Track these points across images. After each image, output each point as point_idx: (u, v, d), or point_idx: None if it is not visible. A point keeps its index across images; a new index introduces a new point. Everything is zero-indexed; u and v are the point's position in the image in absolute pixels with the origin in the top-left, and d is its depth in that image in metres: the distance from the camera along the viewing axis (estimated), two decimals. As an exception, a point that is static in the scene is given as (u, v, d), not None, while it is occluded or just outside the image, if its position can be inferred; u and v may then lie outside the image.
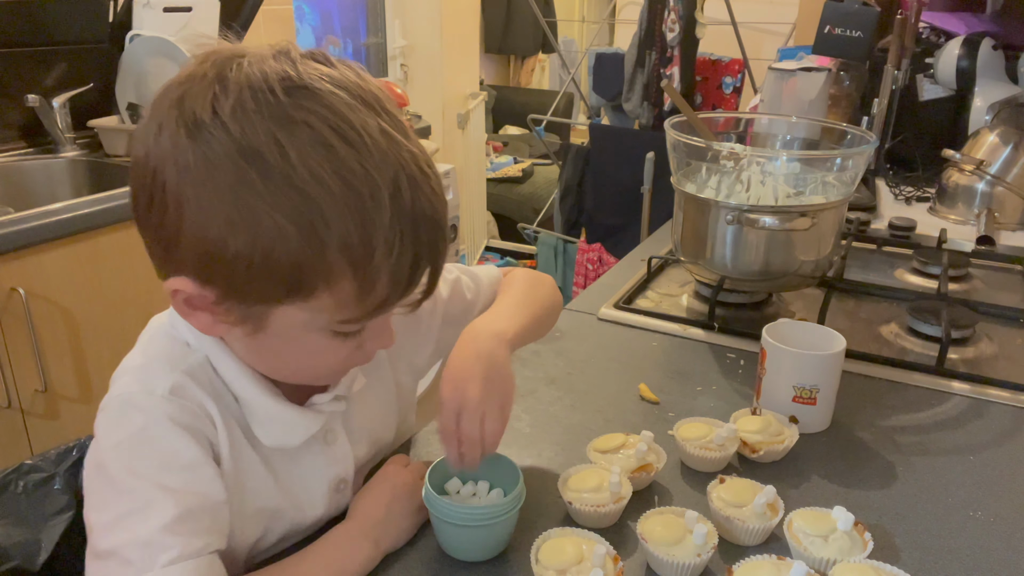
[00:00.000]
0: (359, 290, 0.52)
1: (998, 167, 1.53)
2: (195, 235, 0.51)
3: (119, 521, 0.54)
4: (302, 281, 0.51)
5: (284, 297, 0.52)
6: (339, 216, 0.49)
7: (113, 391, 0.59)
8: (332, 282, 0.51)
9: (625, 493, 0.70)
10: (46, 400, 1.41)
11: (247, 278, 0.51)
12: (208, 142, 0.49)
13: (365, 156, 0.50)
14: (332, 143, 0.49)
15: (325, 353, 0.58)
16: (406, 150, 0.52)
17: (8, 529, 0.68)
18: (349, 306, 0.53)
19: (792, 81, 1.78)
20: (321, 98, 0.50)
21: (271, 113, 0.49)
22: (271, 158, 0.48)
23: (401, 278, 0.53)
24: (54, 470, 0.73)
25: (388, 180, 0.50)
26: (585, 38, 4.95)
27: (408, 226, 0.52)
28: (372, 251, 0.51)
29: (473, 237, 3.69)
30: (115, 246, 1.48)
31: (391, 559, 0.66)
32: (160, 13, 1.86)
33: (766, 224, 1.01)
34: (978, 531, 0.71)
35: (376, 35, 3.29)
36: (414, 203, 0.52)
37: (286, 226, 0.49)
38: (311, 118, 0.49)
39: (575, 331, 1.09)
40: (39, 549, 0.69)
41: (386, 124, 0.52)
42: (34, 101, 1.78)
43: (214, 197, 0.49)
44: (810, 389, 0.84)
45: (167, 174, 0.50)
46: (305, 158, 0.49)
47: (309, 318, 0.54)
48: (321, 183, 0.49)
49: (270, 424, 0.62)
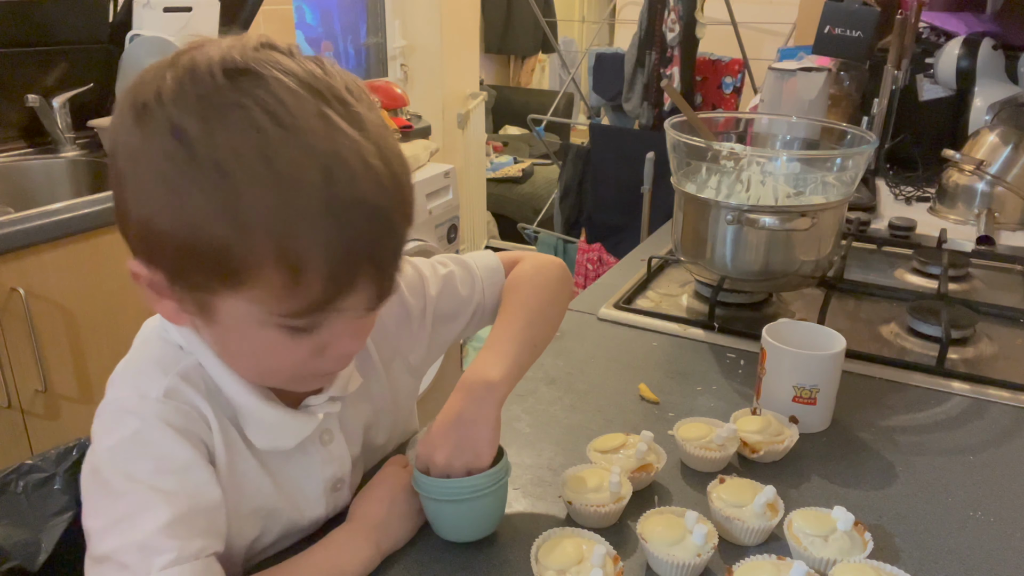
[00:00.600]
0: (288, 280, 0.50)
1: (998, 167, 1.53)
2: (135, 215, 0.52)
3: (115, 525, 0.54)
4: (229, 268, 0.50)
5: (218, 284, 0.52)
6: (260, 199, 0.48)
7: (108, 396, 0.59)
8: (258, 269, 0.50)
9: (625, 493, 0.70)
10: (46, 400, 1.41)
11: (180, 260, 0.51)
12: (148, 123, 0.50)
13: (295, 141, 0.48)
14: (263, 126, 0.48)
15: (279, 352, 0.56)
16: (350, 139, 0.50)
17: (8, 529, 0.68)
18: (282, 298, 0.51)
19: (792, 81, 1.78)
20: (263, 82, 0.49)
21: (206, 94, 0.49)
22: (197, 138, 0.48)
23: (336, 273, 0.51)
24: (54, 470, 0.73)
25: (318, 166, 0.48)
26: (585, 38, 4.95)
27: (340, 216, 0.49)
28: (294, 238, 0.49)
29: (473, 237, 3.69)
30: (115, 246, 1.48)
31: (391, 559, 0.66)
32: (160, 13, 1.86)
33: (766, 224, 1.01)
34: (978, 531, 0.71)
35: (376, 35, 3.29)
36: (348, 191, 0.49)
37: (206, 207, 0.48)
38: (246, 100, 0.48)
39: (575, 331, 1.09)
40: (39, 549, 0.69)
41: (333, 113, 0.50)
42: (34, 101, 1.78)
43: (147, 177, 0.50)
44: (810, 389, 0.84)
45: (118, 157, 0.52)
46: (231, 139, 0.48)
47: (249, 310, 0.53)
48: (244, 164, 0.48)
49: (262, 427, 0.62)
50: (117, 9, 1.96)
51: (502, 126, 4.64)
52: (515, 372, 0.70)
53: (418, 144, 2.34)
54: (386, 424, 0.76)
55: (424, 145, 2.35)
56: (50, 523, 0.70)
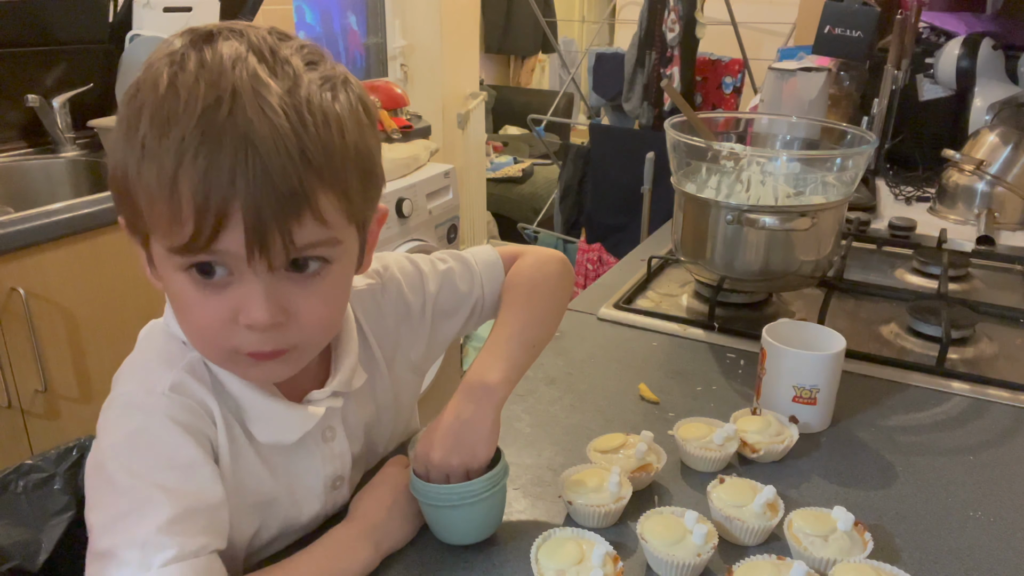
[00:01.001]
0: (167, 206, 0.50)
1: (998, 167, 1.53)
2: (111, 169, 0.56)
3: (116, 521, 0.54)
4: (128, 190, 0.53)
5: (134, 219, 0.54)
6: (151, 115, 0.50)
7: (113, 392, 0.60)
8: (143, 189, 0.51)
9: (625, 493, 0.70)
10: (46, 400, 1.41)
11: (118, 201, 0.55)
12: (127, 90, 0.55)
13: (204, 71, 0.51)
14: (187, 66, 0.51)
15: (193, 305, 0.55)
16: (260, 82, 0.51)
17: (8, 529, 0.68)
18: (167, 227, 0.51)
19: (792, 81, 1.78)
20: (214, 40, 0.53)
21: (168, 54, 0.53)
22: (139, 79, 0.53)
23: (203, 198, 0.49)
24: (54, 470, 0.73)
25: (212, 93, 0.50)
26: (585, 38, 4.95)
27: (213, 139, 0.49)
28: (168, 153, 0.49)
29: (473, 237, 3.69)
30: (115, 246, 1.48)
31: (391, 559, 0.66)
32: (160, 13, 1.86)
33: (766, 224, 1.01)
34: (978, 531, 0.71)
35: (376, 35, 3.29)
36: (228, 119, 0.49)
37: (120, 127, 0.53)
38: (189, 51, 0.52)
39: (575, 331, 1.09)
40: (39, 549, 0.69)
41: (258, 63, 0.52)
42: (34, 101, 1.78)
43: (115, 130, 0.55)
44: (810, 389, 0.84)
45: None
46: (156, 75, 0.52)
47: (160, 249, 0.54)
48: (153, 91, 0.51)
49: (265, 421, 0.62)
50: (117, 9, 1.96)
51: (502, 126, 4.64)
52: (513, 375, 0.70)
53: (418, 144, 2.34)
54: (388, 423, 0.76)
55: (424, 145, 2.35)
56: (50, 523, 0.70)
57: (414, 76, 3.33)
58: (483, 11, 4.11)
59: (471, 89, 3.55)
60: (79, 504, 0.72)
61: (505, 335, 0.73)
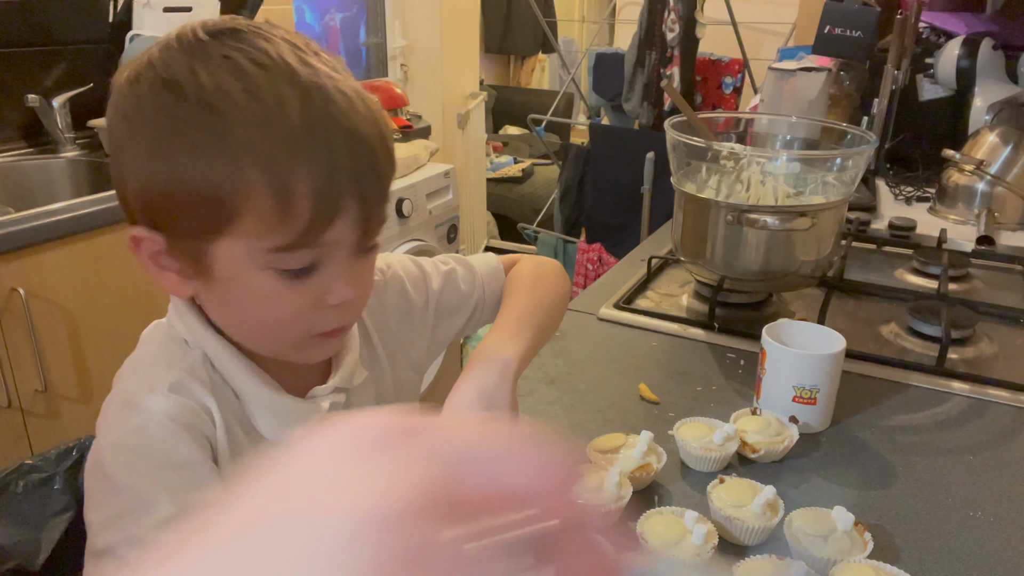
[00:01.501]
0: (277, 206, 0.51)
1: (998, 167, 1.53)
2: (132, 176, 0.54)
3: (115, 520, 0.54)
4: (222, 200, 0.52)
5: (212, 225, 0.53)
6: (245, 125, 0.50)
7: (114, 391, 0.60)
8: (249, 198, 0.51)
9: (625, 493, 0.70)
10: (46, 400, 1.41)
11: (177, 207, 0.53)
12: (140, 84, 0.53)
13: (275, 75, 0.51)
14: (244, 68, 0.51)
15: (278, 301, 0.56)
16: (327, 75, 0.53)
17: (8, 529, 0.68)
18: (275, 227, 0.52)
19: (792, 81, 1.78)
20: (243, 36, 0.53)
21: (192, 51, 0.52)
22: (186, 83, 0.51)
23: (320, 192, 0.51)
24: (54, 470, 0.73)
25: (297, 94, 0.51)
26: (585, 38, 4.95)
27: (320, 136, 0.51)
28: (281, 158, 0.51)
29: (473, 237, 3.69)
30: (115, 246, 1.48)
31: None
32: (160, 13, 1.86)
33: (766, 224, 1.01)
34: (978, 531, 0.71)
35: (376, 35, 3.29)
36: (326, 115, 0.52)
37: (196, 140, 0.51)
38: (229, 51, 0.52)
39: (575, 331, 1.09)
40: (39, 549, 0.69)
41: (311, 59, 0.53)
42: (34, 101, 1.78)
43: (141, 131, 0.53)
44: (810, 389, 0.84)
45: (113, 126, 0.55)
46: (216, 79, 0.51)
47: (246, 251, 0.53)
48: (228, 97, 0.50)
49: (270, 416, 0.62)
50: (117, 9, 1.96)
51: (502, 126, 4.64)
52: (527, 354, 0.70)
53: (418, 144, 2.34)
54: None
55: (424, 145, 2.35)
56: (50, 523, 0.70)
57: (414, 76, 3.34)
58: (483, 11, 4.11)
59: (471, 89, 3.55)
60: (79, 504, 0.72)
61: (515, 315, 0.73)
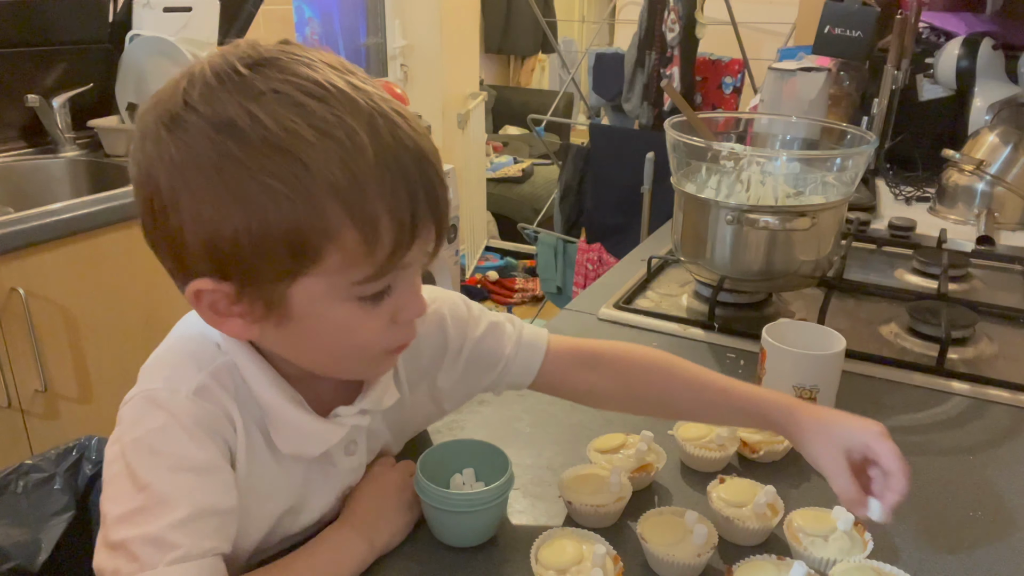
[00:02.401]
0: (364, 239, 0.51)
1: (998, 167, 1.53)
2: (195, 227, 0.51)
3: (132, 515, 0.54)
4: (305, 243, 0.51)
5: (294, 267, 0.52)
6: (322, 164, 0.49)
7: (139, 385, 0.59)
8: (334, 236, 0.51)
9: (625, 493, 0.70)
10: (46, 400, 1.41)
11: (253, 255, 0.51)
12: (186, 130, 0.50)
13: (335, 106, 0.50)
14: (301, 101, 0.50)
15: (358, 327, 0.56)
16: (378, 97, 0.53)
17: (8, 529, 0.68)
18: (360, 261, 0.52)
19: (792, 81, 1.78)
20: (284, 66, 0.51)
21: (237, 88, 0.50)
22: (244, 125, 0.49)
23: (403, 218, 0.52)
24: (54, 470, 0.73)
25: (363, 123, 0.51)
26: (585, 38, 4.95)
27: (393, 162, 0.51)
28: (363, 192, 0.50)
29: (473, 237, 3.69)
30: (115, 246, 1.48)
31: (390, 559, 0.66)
32: (160, 13, 1.86)
33: (766, 224, 1.01)
34: (978, 531, 0.71)
35: (376, 35, 3.29)
36: (395, 139, 0.52)
37: (274, 186, 0.49)
38: (277, 84, 0.50)
39: (575, 331, 1.09)
40: (39, 549, 0.69)
41: (355, 80, 0.53)
42: (34, 101, 1.78)
43: (202, 181, 0.50)
44: (810, 389, 0.84)
45: (159, 176, 0.51)
46: (277, 118, 0.49)
47: (327, 288, 0.53)
48: (297, 137, 0.49)
49: (290, 433, 0.62)
50: (117, 9, 1.96)
51: (502, 126, 4.64)
52: None
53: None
54: (399, 443, 0.76)
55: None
56: (50, 523, 0.70)
57: (414, 76, 3.34)
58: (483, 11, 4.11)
59: (471, 89, 3.55)
60: (79, 504, 0.72)
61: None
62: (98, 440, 0.76)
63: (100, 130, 1.85)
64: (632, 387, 0.75)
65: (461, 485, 0.70)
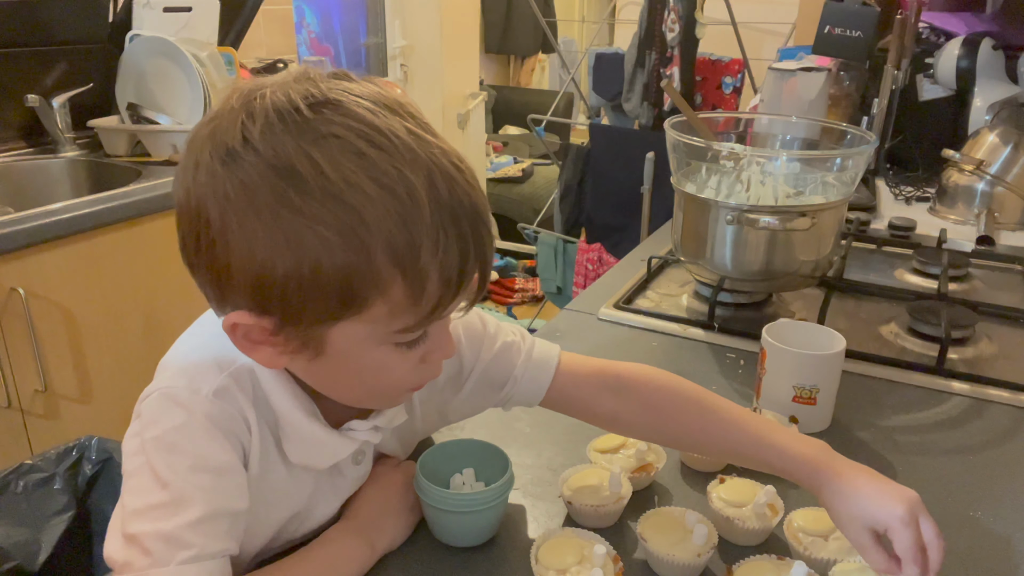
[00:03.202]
0: (411, 294, 0.52)
1: (998, 167, 1.53)
2: (244, 264, 0.51)
3: (149, 511, 0.55)
4: (354, 293, 0.51)
5: (339, 313, 0.52)
6: (380, 219, 0.49)
7: (159, 381, 0.59)
8: (383, 289, 0.51)
9: (625, 493, 0.70)
10: (46, 400, 1.41)
11: (300, 299, 0.51)
12: (243, 168, 0.49)
13: (396, 158, 0.50)
14: (363, 150, 0.49)
15: (389, 368, 0.57)
16: (436, 147, 0.52)
17: (8, 529, 0.68)
18: (404, 313, 0.53)
19: (792, 81, 1.78)
20: (346, 109, 0.50)
21: (299, 130, 0.49)
22: (305, 172, 0.49)
23: (451, 276, 0.53)
24: (54, 470, 0.73)
25: (423, 178, 0.50)
26: (585, 38, 4.95)
27: (449, 220, 0.51)
28: (418, 250, 0.50)
29: (473, 237, 3.68)
30: (115, 246, 1.48)
31: (390, 559, 0.66)
32: (160, 13, 1.86)
33: (766, 224, 1.01)
34: (978, 531, 0.71)
35: (376, 35, 3.29)
36: (451, 197, 0.52)
37: (329, 237, 0.49)
38: (338, 129, 0.50)
39: (575, 331, 1.09)
40: (39, 549, 0.69)
41: (412, 126, 0.52)
42: (34, 101, 1.78)
43: (256, 221, 0.49)
44: (810, 389, 0.84)
45: (209, 208, 0.51)
46: (338, 167, 0.49)
47: (368, 333, 0.54)
48: (357, 189, 0.49)
49: (302, 443, 0.62)
50: (117, 9, 1.96)
51: (502, 126, 4.64)
52: None
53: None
54: (405, 452, 0.76)
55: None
56: (50, 523, 0.70)
57: (414, 76, 3.34)
58: (483, 11, 4.11)
59: (471, 89, 3.55)
60: (79, 504, 0.72)
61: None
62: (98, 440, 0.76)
63: (100, 130, 1.85)
64: (664, 423, 0.72)
65: (461, 485, 0.70)
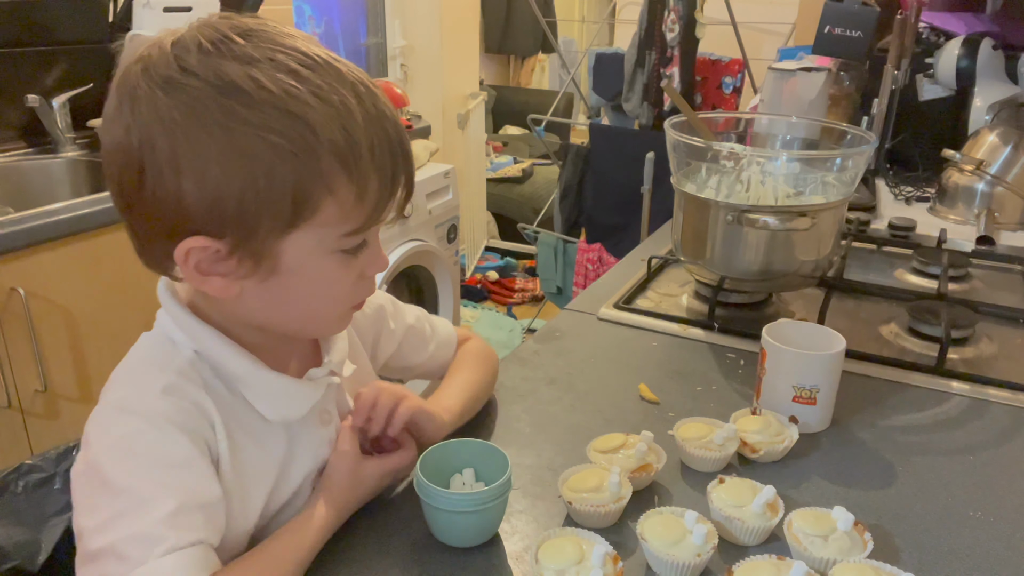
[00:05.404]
0: (356, 192, 0.56)
1: (998, 167, 1.53)
2: (197, 186, 0.53)
3: (115, 520, 0.54)
4: (306, 195, 0.55)
5: (293, 220, 0.55)
6: (323, 125, 0.54)
7: (104, 400, 0.60)
8: (333, 189, 0.55)
9: (625, 493, 0.70)
10: (46, 400, 1.41)
11: (256, 210, 0.54)
12: (186, 91, 0.53)
13: (325, 76, 0.55)
14: (295, 69, 0.54)
15: (336, 281, 0.61)
16: (353, 70, 0.58)
17: (8, 529, 0.68)
18: (350, 214, 0.57)
19: (792, 81, 1.78)
20: (272, 37, 0.55)
21: (235, 55, 0.53)
22: (248, 88, 0.52)
23: (386, 176, 0.58)
24: (54, 470, 0.73)
25: (350, 92, 0.56)
26: (585, 38, 4.95)
27: (378, 128, 0.57)
28: (359, 150, 0.55)
29: (473, 237, 3.69)
30: (115, 246, 1.48)
31: (390, 559, 0.66)
32: (160, 13, 1.86)
33: (766, 224, 1.01)
34: (978, 531, 0.71)
35: (376, 35, 3.29)
36: (376, 108, 0.57)
37: (281, 143, 0.53)
38: (272, 54, 0.54)
39: (575, 331, 1.09)
40: (39, 549, 0.69)
41: (326, 53, 0.58)
42: (34, 101, 1.78)
43: (207, 139, 0.53)
44: (810, 389, 0.84)
45: (155, 138, 0.53)
46: (277, 82, 0.53)
47: (316, 241, 0.57)
48: (299, 100, 0.53)
49: (273, 398, 0.63)
50: (117, 9, 1.96)
51: (502, 126, 4.64)
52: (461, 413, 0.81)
53: (418, 144, 2.34)
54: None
55: (424, 145, 2.35)
56: (50, 523, 0.70)
57: (414, 76, 3.34)
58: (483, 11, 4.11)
59: (471, 89, 3.55)
60: (79, 504, 0.72)
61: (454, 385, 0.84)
62: (98, 440, 0.76)
63: (100, 130, 1.85)
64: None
65: (461, 485, 0.70)
